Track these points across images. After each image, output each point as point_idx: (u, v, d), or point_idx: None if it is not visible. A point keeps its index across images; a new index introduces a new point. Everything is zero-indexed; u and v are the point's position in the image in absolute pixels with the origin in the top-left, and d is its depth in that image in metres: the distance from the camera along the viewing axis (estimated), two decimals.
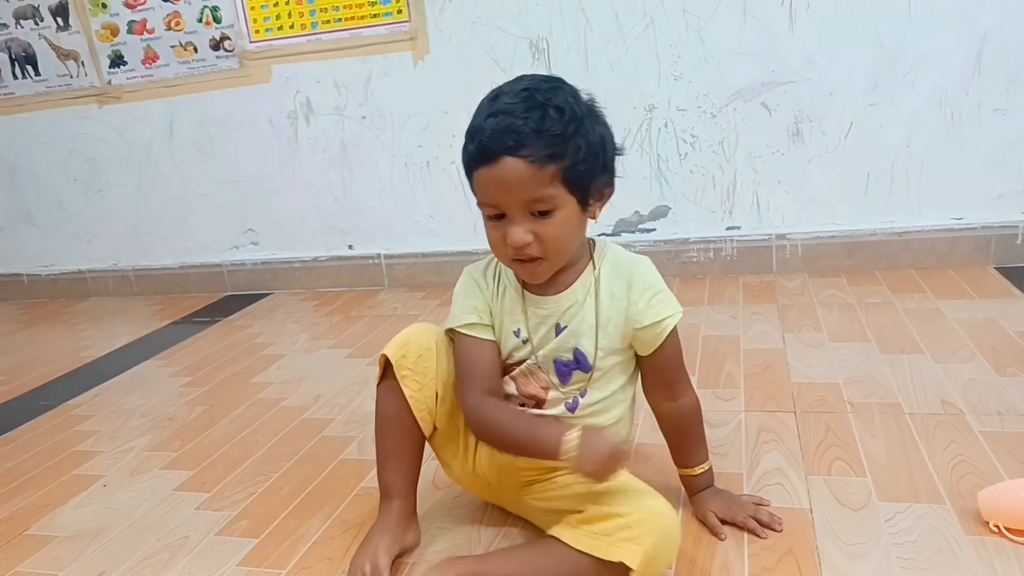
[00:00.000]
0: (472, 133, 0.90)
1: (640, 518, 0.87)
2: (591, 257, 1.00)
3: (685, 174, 2.16)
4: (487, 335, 1.00)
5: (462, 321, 0.99)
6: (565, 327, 0.97)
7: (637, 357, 1.02)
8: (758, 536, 1.00)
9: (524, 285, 0.99)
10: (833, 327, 1.71)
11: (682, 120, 2.12)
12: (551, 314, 0.98)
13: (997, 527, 0.96)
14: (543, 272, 0.94)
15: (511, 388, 1.01)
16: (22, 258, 2.88)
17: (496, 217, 0.91)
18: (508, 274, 1.01)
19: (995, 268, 1.99)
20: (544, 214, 0.89)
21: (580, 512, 0.92)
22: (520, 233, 0.89)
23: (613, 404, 1.02)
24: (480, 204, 0.92)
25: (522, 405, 1.01)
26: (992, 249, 2.00)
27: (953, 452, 1.16)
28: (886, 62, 1.95)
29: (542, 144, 0.86)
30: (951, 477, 1.09)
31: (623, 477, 0.95)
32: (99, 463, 1.47)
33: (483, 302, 1.00)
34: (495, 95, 0.90)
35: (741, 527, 1.02)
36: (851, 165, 2.05)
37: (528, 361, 0.99)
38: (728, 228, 2.18)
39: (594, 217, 0.95)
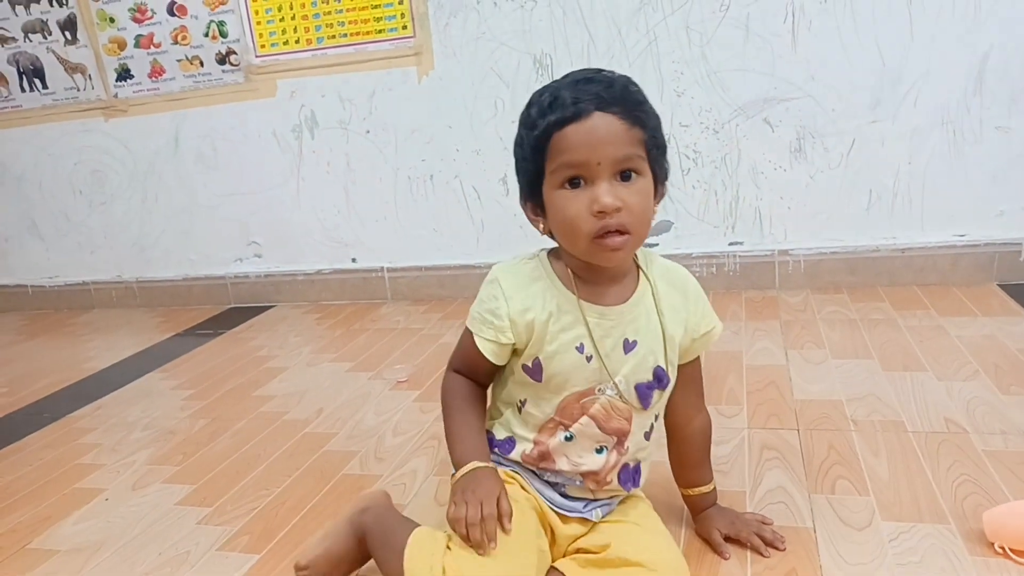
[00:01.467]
0: (549, 106, 0.84)
1: None
2: (637, 266, 0.96)
3: (688, 189, 2.17)
4: (497, 360, 0.94)
5: (481, 334, 0.94)
6: (635, 342, 0.92)
7: None
8: (761, 554, 1.00)
9: (580, 294, 0.92)
10: (836, 344, 1.71)
11: (685, 136, 2.13)
12: (616, 325, 0.92)
13: (1002, 548, 0.95)
14: (627, 251, 0.87)
15: (592, 428, 0.93)
16: (26, 269, 2.89)
17: (573, 187, 0.85)
18: (557, 284, 0.92)
19: (998, 285, 1.99)
20: (628, 179, 0.84)
21: (595, 552, 0.92)
22: (611, 196, 0.83)
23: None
24: (559, 168, 0.84)
25: (600, 450, 0.95)
26: (995, 266, 2.00)
27: (957, 471, 1.15)
28: (888, 79, 1.96)
29: (629, 106, 0.84)
30: (955, 497, 1.09)
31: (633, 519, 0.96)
32: (101, 476, 1.47)
33: (518, 311, 0.91)
34: (555, 84, 0.86)
35: (744, 544, 1.02)
36: (853, 181, 2.05)
37: (608, 393, 0.93)
38: (731, 244, 2.19)
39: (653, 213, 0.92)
